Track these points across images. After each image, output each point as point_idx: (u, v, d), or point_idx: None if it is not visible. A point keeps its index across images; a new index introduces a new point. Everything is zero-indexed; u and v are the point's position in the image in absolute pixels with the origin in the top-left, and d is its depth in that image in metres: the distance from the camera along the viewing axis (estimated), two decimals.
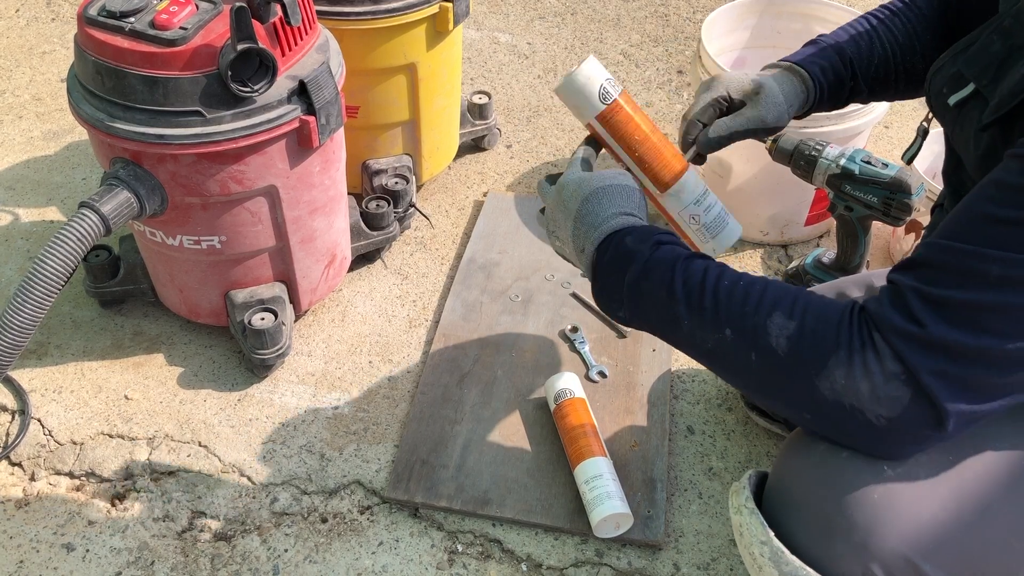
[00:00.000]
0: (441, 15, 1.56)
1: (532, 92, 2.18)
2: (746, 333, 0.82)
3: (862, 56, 1.15)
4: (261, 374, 1.47)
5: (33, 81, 2.14)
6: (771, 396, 0.85)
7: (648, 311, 0.90)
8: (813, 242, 1.77)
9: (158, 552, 1.23)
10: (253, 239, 1.36)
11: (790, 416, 0.86)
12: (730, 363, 0.86)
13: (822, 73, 1.14)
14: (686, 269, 0.87)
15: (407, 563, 1.23)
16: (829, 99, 1.16)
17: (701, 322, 0.85)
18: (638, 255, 0.90)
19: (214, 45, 1.15)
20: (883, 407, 0.76)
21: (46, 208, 1.79)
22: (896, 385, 0.75)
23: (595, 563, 1.23)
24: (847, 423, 0.79)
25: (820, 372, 0.78)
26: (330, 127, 1.29)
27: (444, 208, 1.83)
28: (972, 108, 0.87)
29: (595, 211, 0.96)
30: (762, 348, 0.81)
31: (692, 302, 0.85)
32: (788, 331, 0.80)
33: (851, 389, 0.77)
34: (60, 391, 1.44)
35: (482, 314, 1.56)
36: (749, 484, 0.92)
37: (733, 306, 0.83)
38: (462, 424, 1.37)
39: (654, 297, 0.88)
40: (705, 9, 2.48)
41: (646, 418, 1.39)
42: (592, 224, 0.95)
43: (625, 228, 0.93)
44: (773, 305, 0.82)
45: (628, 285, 0.90)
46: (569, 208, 0.98)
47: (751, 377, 0.85)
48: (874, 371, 0.76)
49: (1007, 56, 0.84)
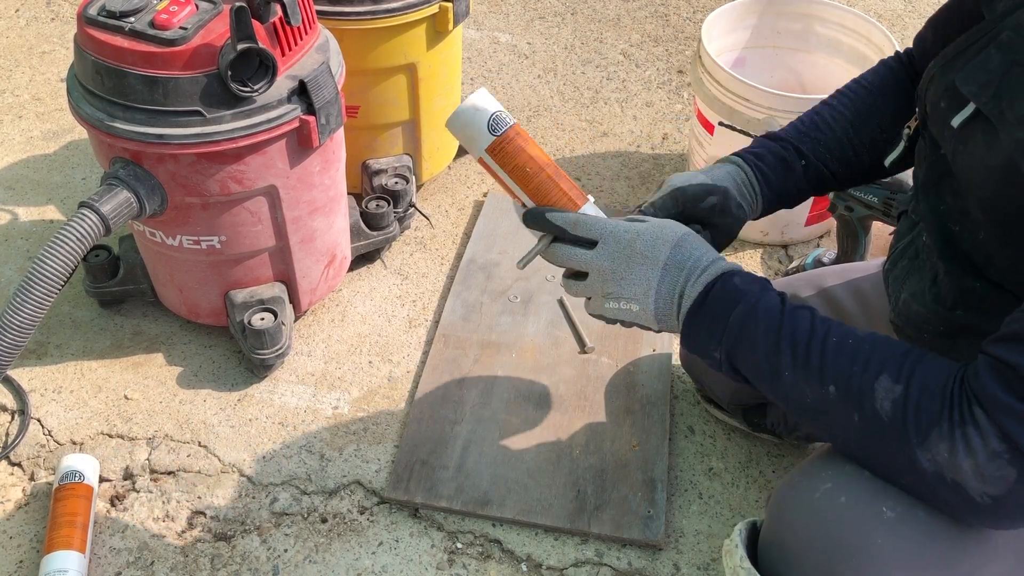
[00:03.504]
0: (441, 15, 1.56)
1: (532, 92, 2.18)
2: (851, 393, 0.79)
3: (803, 134, 1.10)
4: (261, 374, 1.47)
5: (33, 81, 2.14)
6: (870, 459, 0.82)
7: (749, 356, 0.87)
8: (813, 242, 1.77)
9: (158, 552, 1.23)
10: (253, 239, 1.36)
11: (889, 481, 0.82)
12: (830, 421, 0.83)
13: (757, 159, 1.09)
14: (794, 318, 0.84)
15: (407, 563, 1.23)
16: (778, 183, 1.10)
17: (805, 375, 0.82)
18: (748, 294, 0.87)
19: (214, 45, 1.15)
20: (988, 486, 0.73)
21: (46, 208, 1.79)
22: (1000, 464, 0.72)
23: (595, 563, 1.23)
24: (949, 497, 0.76)
25: (923, 443, 0.75)
26: (330, 127, 1.29)
27: (444, 208, 1.83)
28: (977, 130, 0.81)
29: (693, 255, 0.90)
30: (866, 410, 0.78)
31: (798, 354, 0.82)
32: (894, 395, 0.77)
33: (953, 465, 0.74)
34: (60, 391, 1.44)
35: (482, 314, 1.56)
36: (742, 541, 0.90)
37: (841, 363, 0.80)
38: (462, 424, 1.37)
39: (758, 342, 0.85)
40: (705, 9, 2.48)
41: (646, 418, 1.39)
42: (695, 267, 0.90)
43: (733, 269, 0.90)
44: (881, 366, 0.79)
45: (733, 324, 0.86)
46: (655, 256, 0.91)
47: (850, 438, 0.82)
48: (976, 449, 0.73)
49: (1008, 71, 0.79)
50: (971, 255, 0.87)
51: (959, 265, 0.89)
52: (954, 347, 0.88)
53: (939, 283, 0.92)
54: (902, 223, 1.04)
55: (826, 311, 1.20)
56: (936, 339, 0.94)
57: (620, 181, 1.92)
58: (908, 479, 0.79)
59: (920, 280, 0.95)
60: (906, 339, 1.01)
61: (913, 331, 0.98)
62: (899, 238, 1.03)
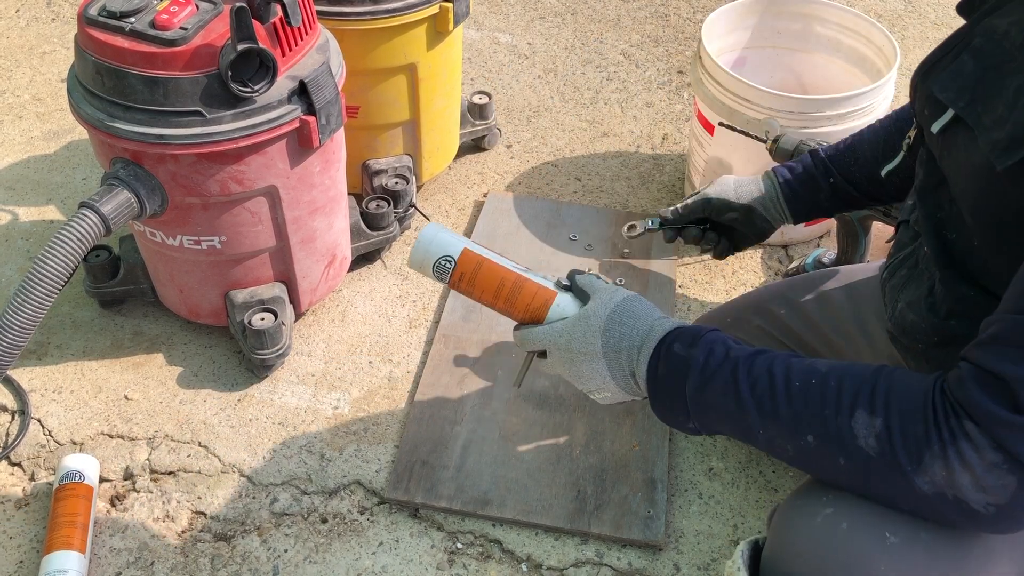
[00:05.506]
0: (441, 15, 1.56)
1: (532, 92, 2.18)
2: (830, 438, 0.78)
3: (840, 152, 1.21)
4: (261, 374, 1.47)
5: (33, 81, 2.14)
6: (868, 494, 0.81)
7: (718, 422, 0.86)
8: (813, 242, 1.77)
9: (158, 552, 1.23)
10: (253, 239, 1.36)
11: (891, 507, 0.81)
12: (817, 467, 0.82)
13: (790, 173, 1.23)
14: (749, 372, 0.82)
15: (407, 563, 1.23)
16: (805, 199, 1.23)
17: (779, 431, 0.81)
18: (693, 362, 0.85)
19: (214, 45, 1.15)
20: (990, 496, 0.73)
21: (46, 208, 1.79)
22: (1000, 474, 0.72)
23: (595, 563, 1.23)
24: (953, 514, 0.76)
25: (917, 468, 0.74)
26: (330, 127, 1.29)
27: (444, 208, 1.83)
28: (957, 135, 0.84)
29: (625, 335, 0.89)
30: (851, 452, 0.78)
31: (764, 410, 0.81)
32: (876, 429, 0.76)
33: (951, 482, 0.73)
34: (60, 391, 1.44)
35: (482, 314, 1.56)
36: (744, 563, 0.90)
37: (811, 409, 0.79)
38: (462, 424, 1.37)
39: (721, 408, 0.84)
40: (705, 9, 2.48)
41: (646, 418, 1.39)
42: (631, 347, 0.89)
43: (667, 334, 0.88)
44: (853, 402, 0.77)
45: (691, 398, 0.85)
46: (591, 351, 0.90)
47: (841, 478, 0.81)
48: (972, 463, 0.72)
49: (982, 76, 0.81)
50: (967, 262, 0.88)
51: (956, 273, 0.89)
52: (947, 357, 0.88)
53: (935, 292, 0.92)
54: (902, 233, 1.04)
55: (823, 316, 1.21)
56: (930, 348, 0.95)
57: (620, 181, 1.92)
58: (909, 504, 0.79)
59: (917, 289, 0.96)
60: (901, 348, 1.02)
61: (908, 340, 0.98)
62: (899, 248, 1.03)
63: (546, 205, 1.82)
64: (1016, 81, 0.77)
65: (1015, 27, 0.79)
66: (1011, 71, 0.78)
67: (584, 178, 1.92)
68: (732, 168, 1.66)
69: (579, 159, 1.98)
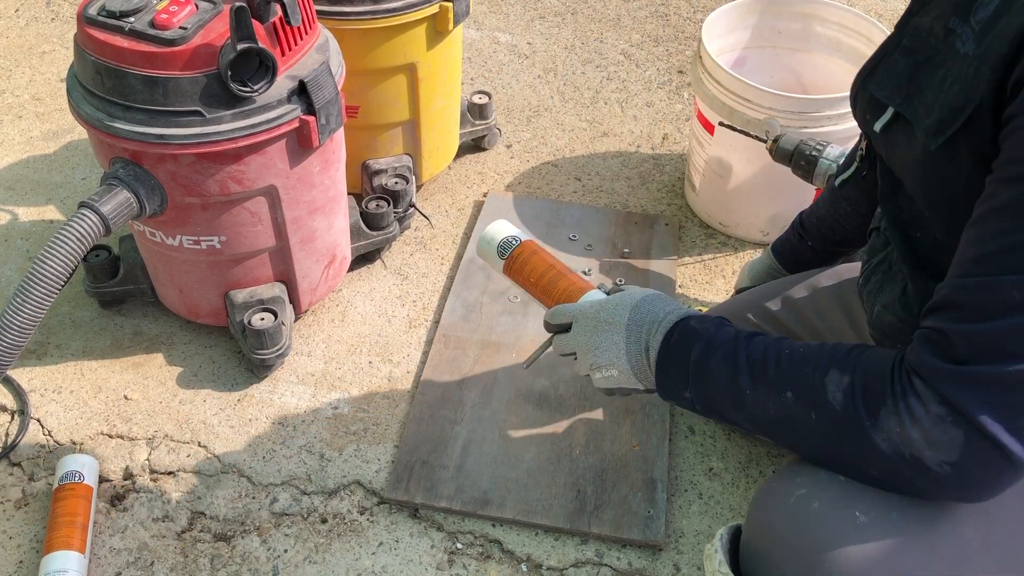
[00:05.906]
0: (441, 15, 1.56)
1: (532, 92, 2.18)
2: (805, 392, 0.82)
3: (817, 220, 1.33)
4: (261, 374, 1.46)
5: (33, 81, 2.14)
6: (834, 457, 0.84)
7: (713, 387, 0.90)
8: None
9: (158, 552, 1.23)
10: (253, 239, 1.36)
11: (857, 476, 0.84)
12: (793, 427, 0.85)
13: (782, 246, 1.41)
14: (749, 344, 0.89)
15: (407, 564, 1.23)
16: (800, 265, 1.38)
17: (766, 389, 0.86)
18: (702, 333, 0.92)
19: (214, 45, 1.15)
20: (941, 452, 0.75)
21: (45, 208, 1.79)
22: (946, 427, 0.74)
23: (595, 563, 1.23)
24: (912, 475, 0.78)
25: (875, 424, 0.77)
26: (330, 127, 1.29)
27: (444, 208, 1.83)
28: (897, 131, 0.89)
29: (652, 311, 0.97)
30: (820, 405, 0.81)
31: (755, 372, 0.86)
32: (843, 385, 0.80)
33: (905, 438, 0.76)
34: (60, 391, 1.44)
35: (482, 314, 1.56)
36: (722, 546, 0.92)
37: (794, 368, 0.84)
38: (462, 424, 1.37)
39: (719, 372, 0.89)
40: (705, 9, 2.48)
41: (646, 418, 1.39)
42: (654, 321, 0.96)
43: (690, 316, 0.95)
44: (830, 362, 0.82)
45: (694, 363, 0.91)
46: (617, 321, 0.97)
47: (812, 440, 0.84)
48: (920, 416, 0.75)
49: (914, 72, 0.86)
50: (933, 257, 0.92)
51: (923, 270, 0.94)
52: None
53: (908, 292, 0.96)
54: (874, 239, 1.09)
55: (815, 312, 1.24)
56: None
57: (620, 181, 1.92)
58: (871, 467, 0.81)
59: (892, 291, 1.00)
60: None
61: (889, 342, 1.02)
62: (872, 254, 1.08)
63: (546, 205, 1.81)
64: (942, 71, 0.82)
65: (937, 22, 0.85)
66: (938, 64, 0.83)
67: (584, 178, 1.92)
68: (732, 168, 1.66)
69: (579, 159, 1.98)
